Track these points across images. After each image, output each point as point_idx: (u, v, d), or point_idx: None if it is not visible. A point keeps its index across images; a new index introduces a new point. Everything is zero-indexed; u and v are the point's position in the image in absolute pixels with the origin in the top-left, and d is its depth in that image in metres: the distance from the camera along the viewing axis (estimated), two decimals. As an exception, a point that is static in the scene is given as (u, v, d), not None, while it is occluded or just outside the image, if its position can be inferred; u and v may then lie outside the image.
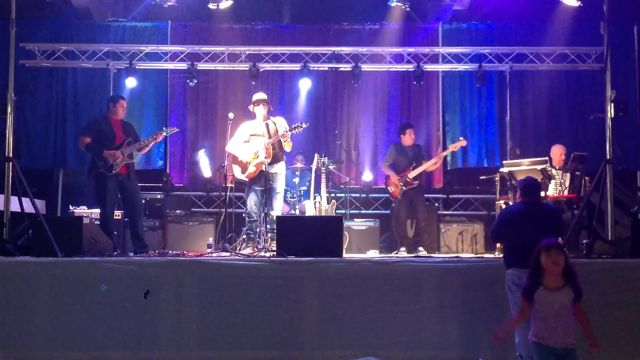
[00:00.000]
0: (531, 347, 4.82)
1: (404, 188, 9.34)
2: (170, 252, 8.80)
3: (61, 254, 6.73)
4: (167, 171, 11.41)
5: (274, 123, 8.59)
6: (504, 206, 8.37)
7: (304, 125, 8.39)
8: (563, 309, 4.64)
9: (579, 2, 9.87)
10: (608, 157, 7.60)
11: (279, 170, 8.56)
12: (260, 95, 8.73)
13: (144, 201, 9.30)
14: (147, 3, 11.46)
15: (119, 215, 9.12)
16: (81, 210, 9.61)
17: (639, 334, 6.40)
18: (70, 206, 10.01)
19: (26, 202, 7.24)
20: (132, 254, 8.06)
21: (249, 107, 8.80)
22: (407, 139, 9.61)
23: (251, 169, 8.42)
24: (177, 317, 6.45)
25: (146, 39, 11.55)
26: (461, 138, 10.07)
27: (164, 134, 8.59)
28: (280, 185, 8.58)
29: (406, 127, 9.81)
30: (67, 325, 6.39)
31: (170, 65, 11.24)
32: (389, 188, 9.60)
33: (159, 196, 10.46)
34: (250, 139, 8.52)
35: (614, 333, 6.37)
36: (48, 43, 11.00)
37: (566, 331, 4.65)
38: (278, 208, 8.56)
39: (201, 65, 11.00)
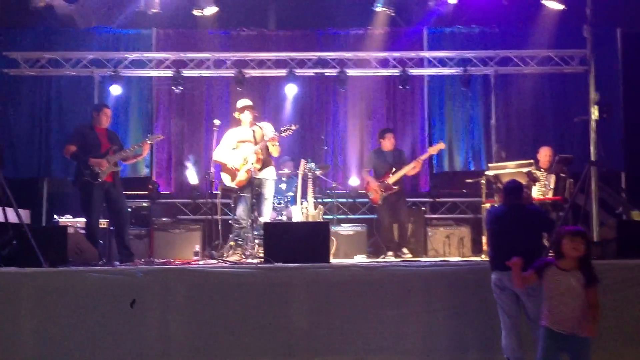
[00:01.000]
0: (541, 332, 4.89)
1: (384, 193, 9.33)
2: (156, 260, 8.74)
3: (46, 264, 6.67)
4: (153, 179, 11.36)
5: (261, 128, 8.57)
6: (490, 209, 8.39)
7: (293, 127, 8.37)
8: (570, 291, 4.67)
9: (563, 6, 9.92)
10: (592, 159, 7.65)
11: (268, 175, 8.54)
12: (244, 102, 8.71)
13: (129, 209, 9.25)
14: (132, 10, 11.39)
15: (104, 224, 9.06)
16: (66, 220, 9.54)
17: (625, 334, 6.44)
18: (55, 215, 9.93)
19: (10, 212, 7.18)
20: (118, 263, 8.00)
21: (234, 114, 8.78)
22: (387, 143, 9.62)
23: (241, 176, 8.37)
24: (164, 326, 6.40)
25: (131, 46, 11.52)
26: (440, 141, 10.11)
27: (149, 142, 8.55)
28: (269, 191, 8.54)
29: (385, 131, 9.82)
30: (52, 335, 6.32)
31: (155, 72, 11.22)
32: (369, 194, 9.60)
33: (144, 204, 10.40)
34: (238, 146, 8.49)
35: (601, 334, 6.37)
36: (32, 51, 10.94)
37: (572, 315, 4.66)
38: (267, 214, 8.54)
39: (186, 72, 10.98)
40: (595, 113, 7.82)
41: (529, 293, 5.42)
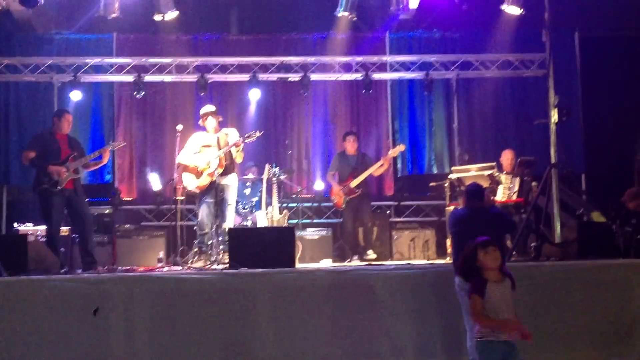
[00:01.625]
0: (478, 348, 4.76)
1: (347, 197, 9.36)
2: (120, 267, 8.62)
3: (5, 273, 6.54)
4: (115, 185, 11.21)
5: (225, 135, 8.52)
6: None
7: (257, 134, 8.33)
8: (506, 300, 4.67)
9: (522, 10, 10.06)
10: (553, 161, 7.77)
11: (230, 182, 8.49)
12: (208, 108, 8.63)
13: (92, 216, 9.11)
14: (91, 15, 11.23)
15: (66, 232, 8.91)
16: (26, 227, 9.35)
17: (589, 334, 6.54)
18: (15, 223, 9.73)
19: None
20: (80, 270, 7.87)
21: (199, 122, 8.71)
22: (349, 146, 9.66)
23: (203, 180, 8.31)
24: (128, 333, 6.30)
25: (91, 51, 11.34)
26: (400, 143, 10.18)
27: (110, 148, 8.44)
28: (231, 196, 8.51)
29: (347, 134, 9.87)
30: (13, 346, 6.19)
31: (116, 78, 11.09)
32: (332, 198, 9.64)
33: (107, 211, 10.19)
34: (202, 150, 8.43)
35: (564, 334, 6.49)
36: (-11, 57, 10.74)
37: (516, 322, 4.68)
38: (230, 220, 8.49)
39: (148, 77, 10.87)
40: (555, 116, 7.95)
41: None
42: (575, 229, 7.72)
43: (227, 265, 7.07)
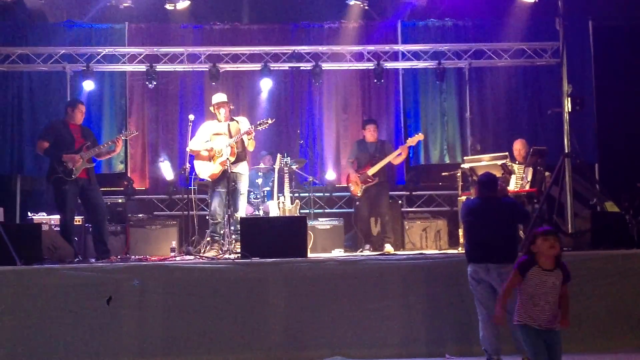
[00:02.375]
0: (518, 331, 4.86)
1: (363, 185, 9.25)
2: (132, 257, 8.68)
3: (20, 262, 6.59)
4: (128, 175, 11.26)
5: (237, 122, 8.52)
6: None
7: (269, 121, 8.30)
8: (553, 290, 4.74)
9: (535, -2, 10.00)
10: (566, 151, 7.73)
11: (242, 170, 8.49)
12: (220, 97, 8.61)
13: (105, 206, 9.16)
14: (103, 4, 11.27)
15: (79, 221, 8.97)
16: (40, 217, 9.42)
17: (600, 324, 6.53)
18: (29, 212, 9.81)
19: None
20: (93, 259, 7.93)
21: (209, 108, 8.72)
22: (368, 135, 9.54)
23: (215, 169, 8.32)
24: (141, 323, 6.37)
25: (103, 41, 11.36)
26: (419, 132, 10.07)
27: (123, 137, 8.47)
28: (243, 186, 8.50)
29: (367, 122, 9.76)
30: (27, 333, 6.26)
31: (128, 67, 11.11)
32: (349, 186, 9.52)
33: (120, 200, 10.29)
34: (212, 138, 8.43)
35: (576, 324, 6.45)
36: (2, 47, 10.77)
37: (554, 312, 4.73)
38: (242, 209, 8.50)
39: (160, 67, 10.88)
40: (568, 105, 7.90)
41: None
42: (589, 219, 7.69)
43: (239, 255, 7.09)
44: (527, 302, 4.76)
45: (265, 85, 11.07)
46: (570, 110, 7.86)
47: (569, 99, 7.88)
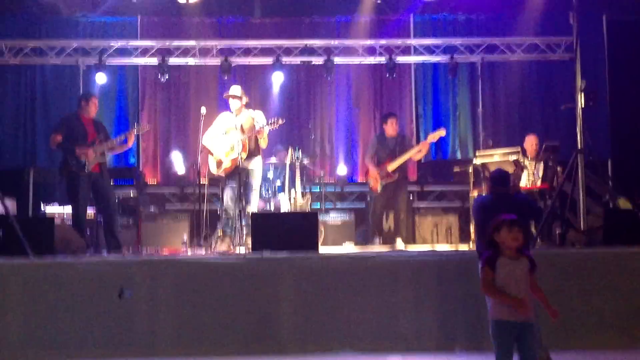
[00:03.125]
0: (491, 327, 4.66)
1: (383, 181, 9.03)
2: (144, 250, 8.71)
3: (33, 255, 6.63)
4: (140, 168, 11.30)
5: (252, 118, 8.46)
6: (478, 198, 8.39)
7: (280, 121, 8.23)
8: (523, 278, 4.60)
9: (549, -8, 9.94)
10: (579, 147, 7.68)
11: (255, 166, 8.46)
12: (232, 90, 8.56)
13: (117, 199, 9.19)
14: (116, -3, 11.31)
15: (91, 215, 9.01)
16: (53, 209, 9.47)
17: (612, 321, 6.50)
18: (42, 205, 9.85)
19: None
20: (105, 253, 7.96)
21: (223, 95, 8.71)
22: (389, 129, 9.23)
23: (227, 164, 8.32)
24: (152, 316, 6.39)
25: (116, 34, 11.41)
26: (441, 128, 9.74)
27: (136, 132, 8.47)
28: (256, 181, 8.47)
29: (387, 116, 9.45)
30: (39, 326, 6.31)
31: (141, 61, 11.13)
32: (368, 181, 9.30)
33: (131, 194, 10.30)
34: (228, 131, 8.41)
35: (588, 321, 6.46)
36: (15, 40, 10.82)
37: (525, 302, 4.63)
38: (254, 204, 8.49)
39: (172, 60, 10.90)
40: (581, 101, 7.85)
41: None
42: (601, 216, 7.65)
43: (251, 249, 7.10)
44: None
45: (277, 79, 11.07)
46: (583, 105, 7.81)
47: (583, 94, 7.82)
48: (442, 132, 9.41)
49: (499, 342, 4.61)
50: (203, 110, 8.53)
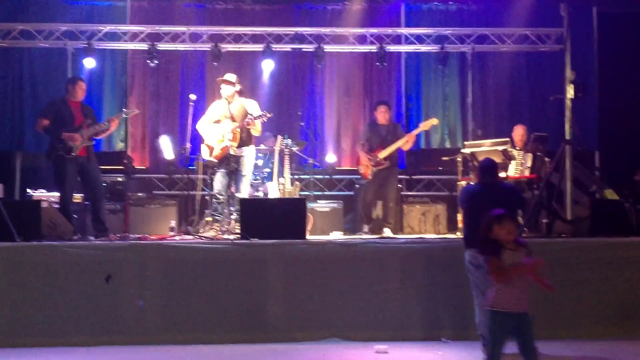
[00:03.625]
0: (489, 317, 4.71)
1: (374, 168, 8.98)
2: (132, 235, 8.68)
3: (19, 239, 6.60)
4: (128, 153, 11.24)
5: (244, 107, 8.44)
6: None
7: (268, 115, 8.20)
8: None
9: (540, -17, 9.94)
10: (567, 138, 7.71)
11: (246, 153, 8.44)
12: (226, 76, 8.51)
13: (104, 184, 9.16)
14: (106, -19, 11.22)
15: (78, 199, 8.96)
16: (40, 194, 9.41)
17: (598, 311, 6.55)
18: (29, 190, 9.79)
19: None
20: (92, 237, 7.93)
21: (217, 79, 8.67)
22: (379, 116, 9.20)
23: (216, 152, 8.31)
24: (139, 301, 6.38)
25: (105, 19, 11.31)
26: (433, 117, 9.78)
27: (124, 115, 8.44)
28: (247, 168, 8.46)
29: (378, 104, 9.41)
30: (26, 311, 6.30)
31: (130, 46, 11.07)
32: (359, 168, 9.25)
33: (119, 179, 10.26)
34: (222, 118, 8.39)
35: (574, 311, 6.51)
36: (3, 22, 10.72)
37: (521, 294, 4.66)
38: (244, 190, 8.48)
39: (162, 46, 10.84)
40: (570, 92, 7.88)
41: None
42: (588, 206, 7.70)
43: (239, 235, 7.10)
44: (504, 286, 4.66)
45: (267, 66, 11.02)
46: (572, 97, 7.83)
47: (572, 85, 7.85)
48: (434, 121, 9.42)
49: (495, 333, 4.64)
50: (192, 96, 8.53)
